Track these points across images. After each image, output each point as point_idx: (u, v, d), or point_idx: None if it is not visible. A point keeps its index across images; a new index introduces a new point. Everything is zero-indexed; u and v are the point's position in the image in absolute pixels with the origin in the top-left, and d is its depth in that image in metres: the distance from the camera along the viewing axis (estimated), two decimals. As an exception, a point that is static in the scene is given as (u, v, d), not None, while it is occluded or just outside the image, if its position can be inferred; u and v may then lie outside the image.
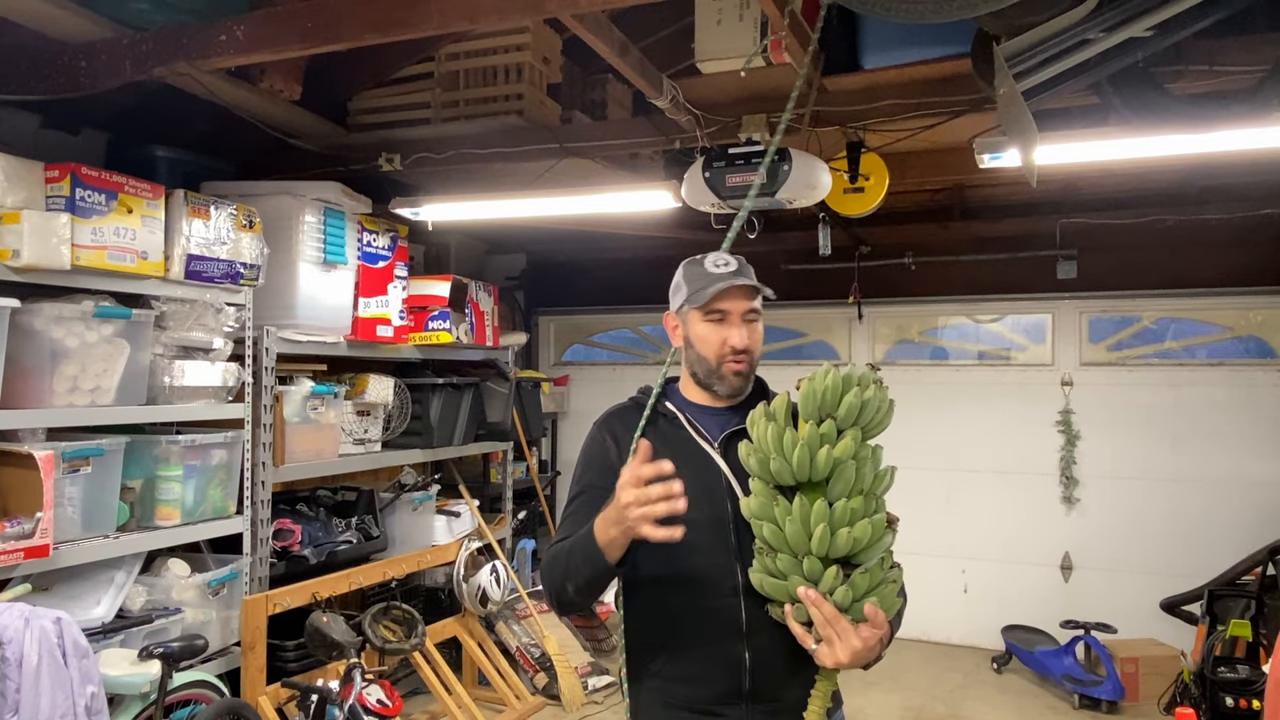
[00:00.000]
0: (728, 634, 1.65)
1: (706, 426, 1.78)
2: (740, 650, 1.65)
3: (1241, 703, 3.82)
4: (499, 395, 5.28)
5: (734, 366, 1.75)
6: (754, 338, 1.77)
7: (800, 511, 1.53)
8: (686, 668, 1.69)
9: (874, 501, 1.56)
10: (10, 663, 2.46)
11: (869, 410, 1.58)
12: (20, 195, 2.88)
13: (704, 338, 1.76)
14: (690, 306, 1.77)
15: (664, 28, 3.54)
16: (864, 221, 4.36)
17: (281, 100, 3.53)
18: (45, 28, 2.90)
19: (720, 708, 1.66)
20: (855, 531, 1.50)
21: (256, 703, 3.43)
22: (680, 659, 1.70)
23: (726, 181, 3.22)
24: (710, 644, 1.67)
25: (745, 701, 1.65)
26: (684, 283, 1.81)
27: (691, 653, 1.69)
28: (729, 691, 1.66)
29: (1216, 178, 4.67)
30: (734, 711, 1.65)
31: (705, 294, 1.73)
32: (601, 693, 4.97)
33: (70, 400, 2.98)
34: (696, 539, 1.61)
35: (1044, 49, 2.55)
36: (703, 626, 1.67)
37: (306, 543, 3.93)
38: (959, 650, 5.64)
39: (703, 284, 1.75)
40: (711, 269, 1.78)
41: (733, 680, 1.65)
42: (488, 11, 2.52)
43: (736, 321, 1.75)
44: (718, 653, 1.66)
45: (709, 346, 1.76)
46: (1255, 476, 5.20)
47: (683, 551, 1.62)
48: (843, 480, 1.53)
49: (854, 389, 1.57)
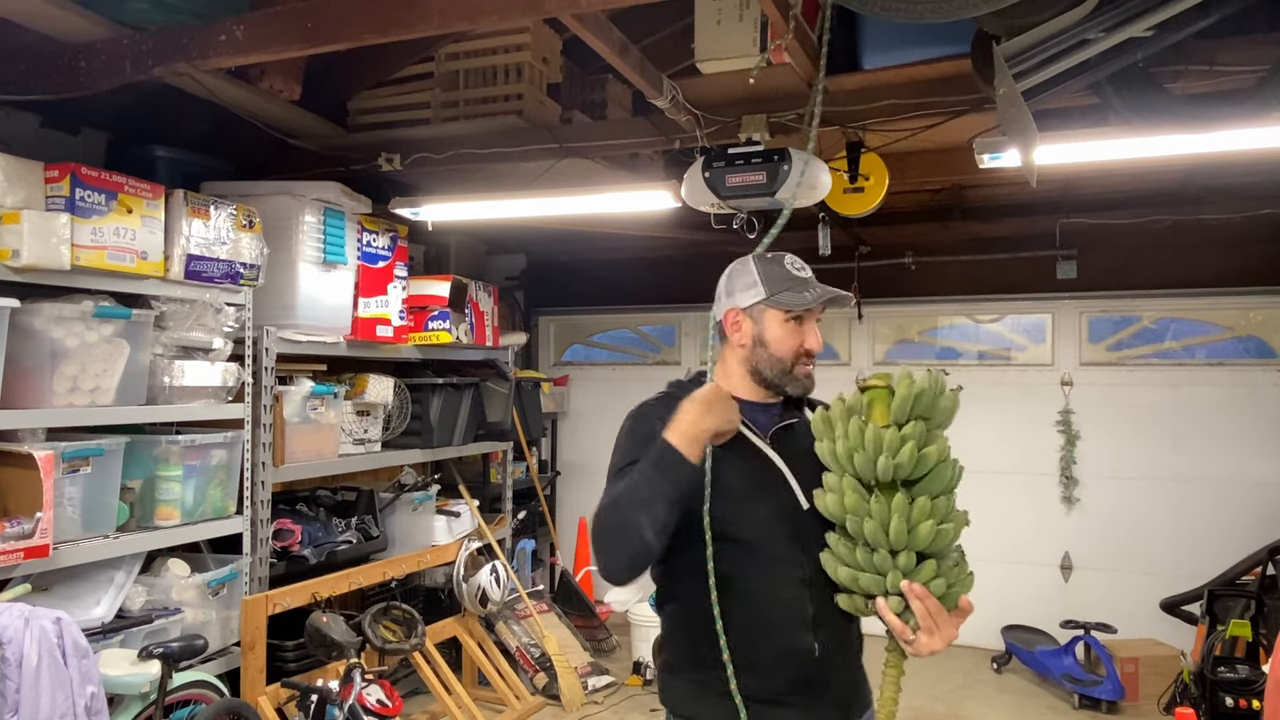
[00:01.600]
0: (796, 626, 1.68)
1: (755, 420, 1.78)
2: (810, 640, 1.67)
3: (1241, 703, 3.82)
4: (499, 395, 5.28)
5: (807, 368, 1.78)
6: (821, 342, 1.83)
7: (902, 508, 1.58)
8: (754, 657, 1.68)
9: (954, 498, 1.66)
10: (10, 663, 2.46)
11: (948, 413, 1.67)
12: (20, 195, 2.88)
13: (781, 339, 1.76)
14: (770, 306, 1.76)
15: (664, 28, 3.54)
16: (864, 221, 4.36)
17: (281, 100, 3.53)
18: (45, 28, 2.89)
19: (788, 697, 1.68)
20: (944, 526, 1.59)
21: (256, 703, 3.43)
22: (746, 649, 1.69)
23: (726, 181, 3.22)
24: (780, 634, 1.68)
25: (815, 692, 1.68)
26: (760, 281, 1.78)
27: (760, 643, 1.69)
28: (797, 680, 1.68)
29: (1216, 178, 4.66)
30: (802, 702, 1.68)
31: (803, 298, 1.74)
32: (601, 693, 4.97)
33: (70, 400, 2.98)
34: (761, 531, 1.69)
35: (1044, 49, 2.55)
36: (772, 617, 1.69)
37: (306, 543, 3.93)
38: (959, 650, 5.64)
39: (787, 286, 1.76)
40: (794, 271, 1.79)
41: (801, 670, 1.68)
42: (488, 11, 2.52)
43: (812, 325, 1.78)
44: (787, 643, 1.68)
45: (786, 348, 1.76)
46: (1255, 476, 5.20)
47: (748, 543, 1.69)
48: (940, 479, 1.62)
49: (946, 392, 1.65)
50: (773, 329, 1.76)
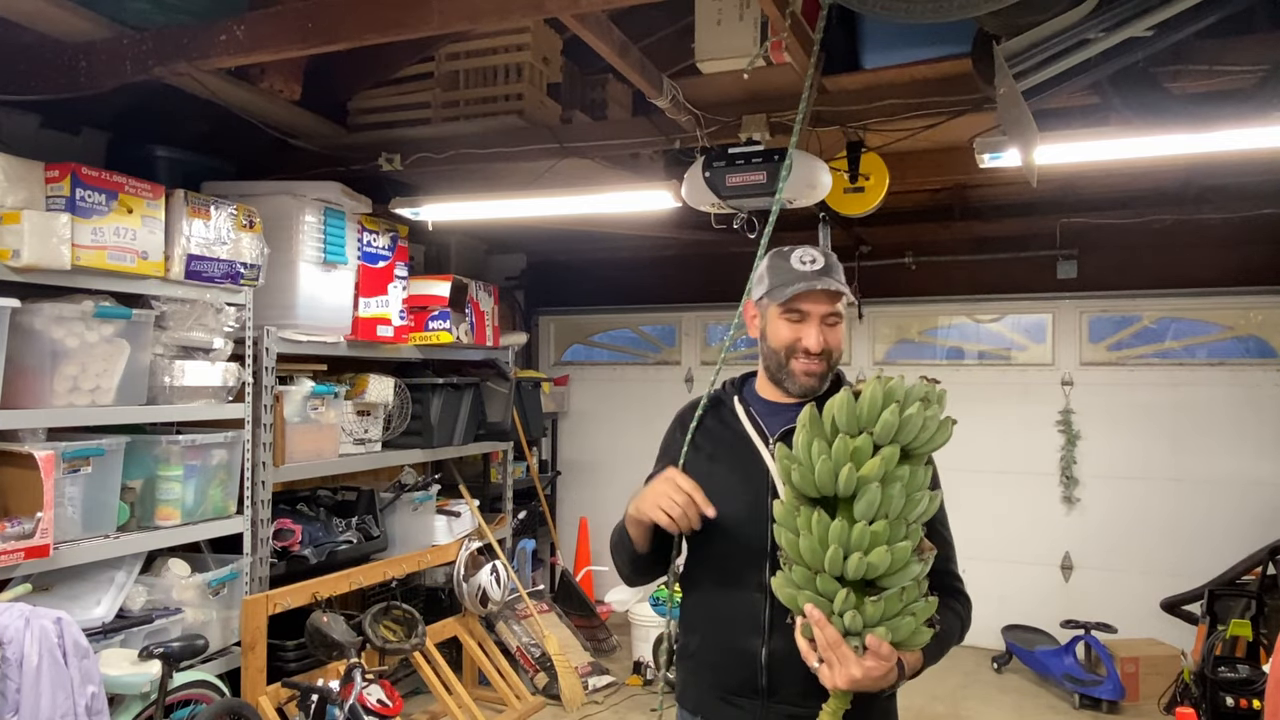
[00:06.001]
0: (749, 629, 1.68)
1: (769, 423, 1.77)
2: (758, 646, 1.67)
3: (1242, 702, 3.82)
4: (499, 395, 5.28)
5: (805, 366, 1.73)
6: (832, 340, 1.74)
7: (818, 527, 1.46)
8: (712, 655, 1.75)
9: (903, 527, 1.46)
10: (10, 663, 2.46)
11: (909, 428, 1.46)
12: (20, 195, 2.88)
13: (778, 334, 1.75)
14: (770, 301, 1.74)
15: (664, 28, 3.54)
16: (864, 221, 4.36)
17: (281, 100, 3.53)
18: (45, 28, 2.89)
19: (738, 699, 1.71)
20: (871, 558, 1.42)
21: (257, 703, 3.43)
22: (708, 644, 1.76)
23: (726, 181, 3.22)
24: (733, 636, 1.70)
25: (763, 697, 1.68)
26: (767, 275, 1.78)
27: (716, 641, 1.74)
28: (746, 685, 1.69)
29: (1216, 177, 4.66)
30: (751, 705, 1.69)
31: (785, 292, 1.70)
32: (601, 693, 4.97)
33: (70, 400, 2.98)
34: (734, 533, 1.70)
35: (1044, 49, 2.55)
36: (728, 618, 1.72)
37: (307, 543, 3.93)
38: (959, 650, 5.58)
39: (785, 280, 1.72)
40: (797, 265, 1.73)
41: (750, 675, 1.68)
42: (488, 11, 2.51)
43: (815, 323, 1.72)
44: (738, 646, 1.70)
45: (781, 344, 1.74)
46: (1255, 476, 5.20)
47: (720, 544, 1.72)
48: (865, 501, 1.44)
49: (894, 404, 1.46)
50: (772, 323, 1.76)
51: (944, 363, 6.06)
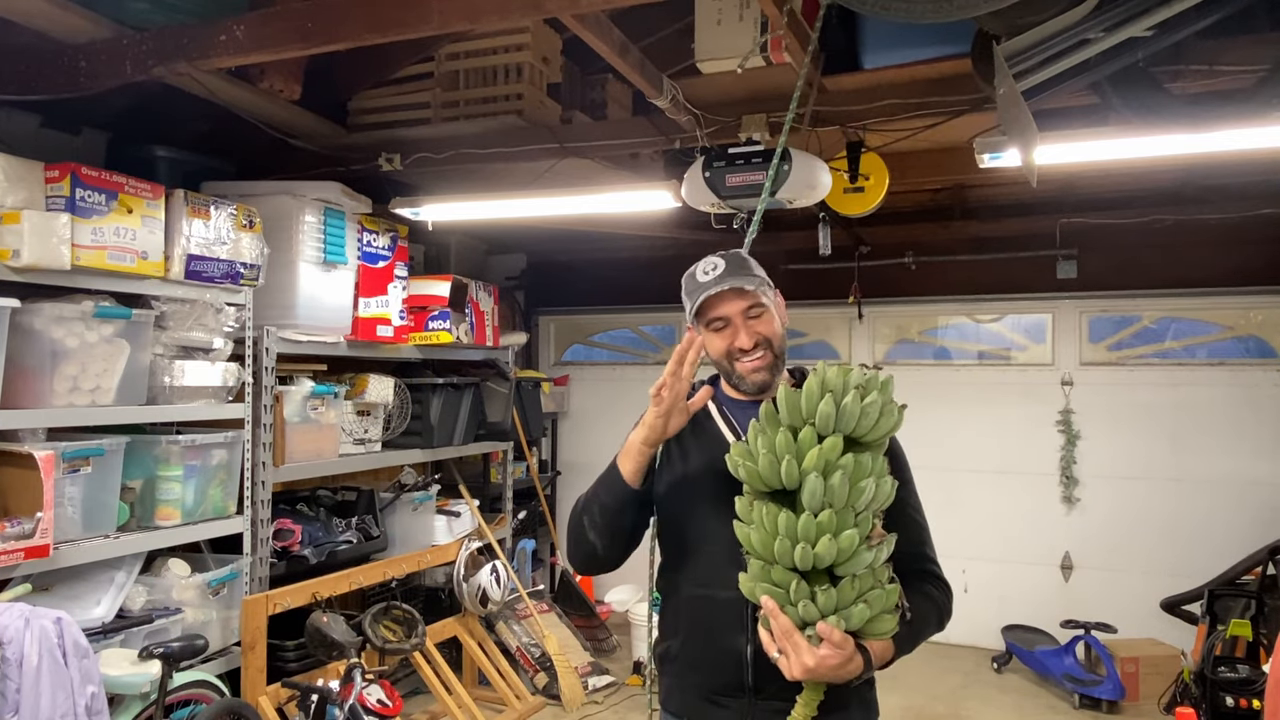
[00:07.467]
0: (731, 627, 1.67)
1: (740, 420, 1.78)
2: (743, 644, 1.66)
3: (1241, 702, 3.83)
4: (499, 395, 5.28)
5: (747, 365, 1.73)
6: (765, 330, 1.73)
7: (768, 520, 1.49)
8: (695, 655, 1.74)
9: (850, 516, 1.47)
10: (10, 663, 2.46)
11: (847, 417, 1.48)
12: (20, 195, 2.88)
13: (713, 346, 1.76)
14: (696, 320, 1.76)
15: (664, 28, 3.54)
16: (864, 221, 4.36)
17: (281, 100, 3.53)
18: (45, 28, 2.89)
19: (724, 698, 1.70)
20: (817, 549, 1.44)
21: (256, 703, 3.43)
22: (690, 646, 1.74)
23: (726, 181, 3.22)
24: (716, 634, 1.69)
25: (749, 695, 1.67)
26: (685, 297, 1.79)
27: (699, 641, 1.73)
28: (732, 684, 1.68)
29: (1216, 177, 4.66)
30: (738, 704, 1.68)
31: (694, 306, 1.73)
32: (601, 693, 4.98)
33: (70, 400, 2.98)
34: (710, 530, 1.69)
35: (1044, 49, 2.55)
36: (710, 617, 1.70)
37: (306, 543, 3.93)
38: (959, 650, 5.64)
39: (693, 295, 1.75)
40: (701, 277, 1.75)
41: (735, 673, 1.67)
42: (488, 11, 2.51)
43: (738, 323, 1.73)
44: (723, 645, 1.69)
45: (719, 353, 1.76)
46: (1255, 476, 5.20)
47: (696, 541, 1.72)
48: (806, 492, 1.46)
49: (828, 395, 1.48)
50: (707, 338, 1.76)
51: (944, 363, 6.06)
